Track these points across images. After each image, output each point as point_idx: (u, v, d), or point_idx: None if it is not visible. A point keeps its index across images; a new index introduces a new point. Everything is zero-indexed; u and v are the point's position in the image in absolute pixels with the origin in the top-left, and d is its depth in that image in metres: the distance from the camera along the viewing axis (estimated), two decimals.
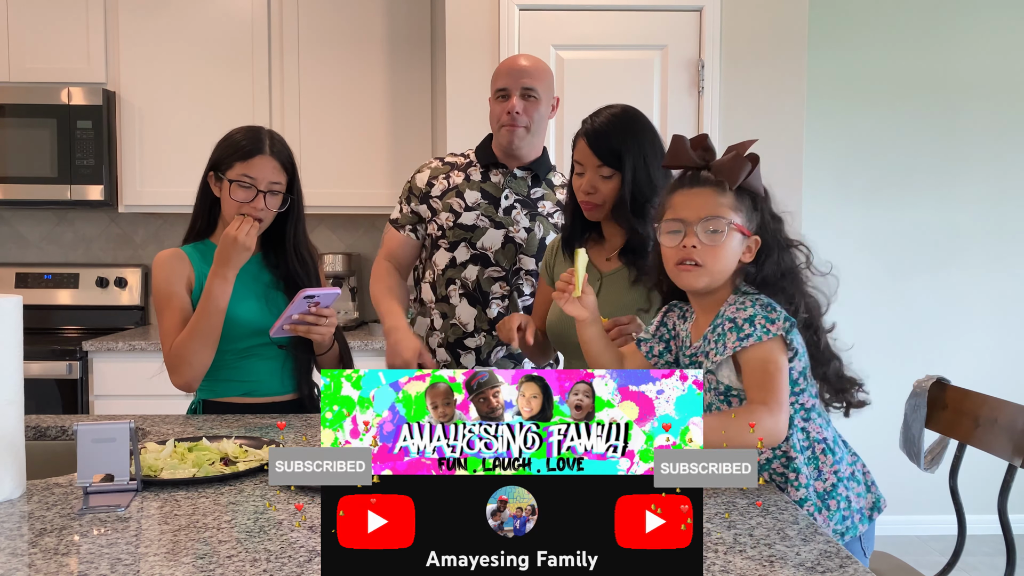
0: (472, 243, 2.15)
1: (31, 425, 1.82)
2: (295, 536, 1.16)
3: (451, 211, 2.16)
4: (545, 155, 2.24)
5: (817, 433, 1.46)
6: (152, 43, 3.50)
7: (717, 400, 1.46)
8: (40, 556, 1.09)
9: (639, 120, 1.85)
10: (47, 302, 3.71)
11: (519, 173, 2.20)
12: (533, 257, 2.16)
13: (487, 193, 2.17)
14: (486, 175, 2.20)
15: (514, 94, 2.10)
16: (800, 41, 3.15)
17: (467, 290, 2.16)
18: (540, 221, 2.17)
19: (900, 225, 3.82)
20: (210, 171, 1.91)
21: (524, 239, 2.15)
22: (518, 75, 2.10)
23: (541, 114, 2.14)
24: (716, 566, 1.06)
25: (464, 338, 2.17)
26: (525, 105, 2.10)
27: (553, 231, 2.19)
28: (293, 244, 1.97)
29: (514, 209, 2.17)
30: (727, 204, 1.42)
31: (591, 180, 1.83)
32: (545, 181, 2.23)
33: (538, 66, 2.15)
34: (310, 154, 3.54)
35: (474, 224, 2.15)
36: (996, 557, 3.04)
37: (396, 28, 3.55)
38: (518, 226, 2.16)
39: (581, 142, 1.85)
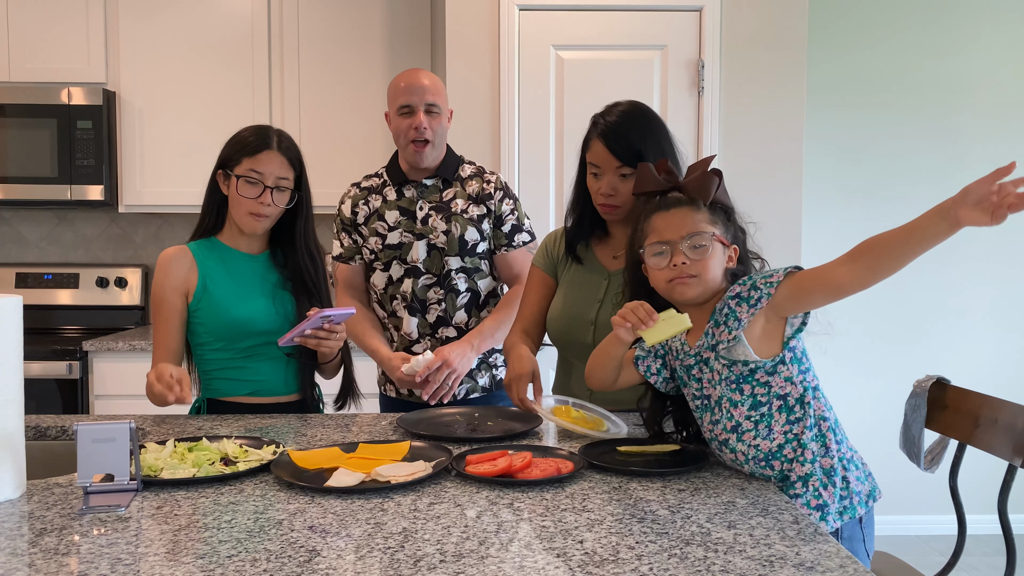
0: (403, 259, 2.26)
1: (31, 425, 1.82)
2: (295, 536, 1.16)
3: (377, 235, 2.28)
4: (449, 155, 2.32)
5: (822, 412, 1.47)
6: (152, 43, 3.50)
7: (729, 390, 1.46)
8: (40, 556, 1.09)
9: (652, 115, 1.86)
10: (47, 302, 3.71)
11: (428, 182, 2.29)
12: (457, 256, 2.25)
13: (404, 209, 2.28)
14: (400, 192, 2.30)
15: (419, 110, 2.20)
16: (800, 41, 3.15)
17: (407, 302, 2.27)
18: (455, 220, 2.26)
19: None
20: (218, 169, 1.92)
21: (444, 242, 2.24)
22: (421, 92, 2.20)
23: (443, 127, 2.26)
24: (716, 566, 1.06)
25: (412, 345, 2.28)
26: (430, 120, 2.21)
27: (470, 225, 2.25)
28: (303, 242, 1.99)
29: (430, 217, 2.26)
30: (704, 219, 1.51)
31: (611, 182, 1.82)
32: (455, 180, 2.30)
33: (436, 82, 2.25)
34: (310, 154, 3.48)
35: (400, 242, 2.26)
36: (996, 557, 3.04)
37: (396, 28, 3.55)
38: (436, 231, 2.25)
39: (597, 144, 1.83)
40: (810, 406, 1.45)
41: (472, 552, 1.09)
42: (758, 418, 1.45)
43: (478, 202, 2.28)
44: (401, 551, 1.10)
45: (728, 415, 1.47)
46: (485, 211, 2.28)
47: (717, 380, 1.48)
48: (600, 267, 1.95)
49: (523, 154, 3.14)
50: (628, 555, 1.09)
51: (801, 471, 1.43)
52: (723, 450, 1.49)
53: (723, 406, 1.48)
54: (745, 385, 1.45)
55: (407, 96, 2.20)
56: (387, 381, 2.36)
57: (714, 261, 1.49)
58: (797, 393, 1.45)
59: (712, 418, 1.51)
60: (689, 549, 1.11)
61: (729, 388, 1.47)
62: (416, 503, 1.29)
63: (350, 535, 1.16)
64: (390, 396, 2.35)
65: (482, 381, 2.30)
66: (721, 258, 1.51)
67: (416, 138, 2.19)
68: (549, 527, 1.19)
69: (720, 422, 1.49)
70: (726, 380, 1.47)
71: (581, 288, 1.95)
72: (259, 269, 1.97)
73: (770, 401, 1.45)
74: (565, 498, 1.32)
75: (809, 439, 1.44)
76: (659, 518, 1.24)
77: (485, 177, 2.32)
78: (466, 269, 2.26)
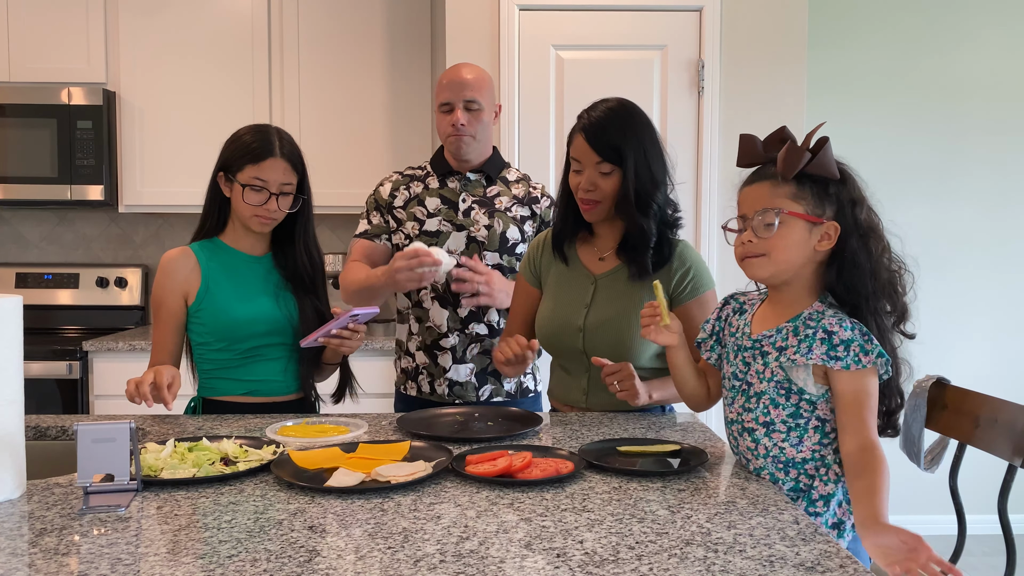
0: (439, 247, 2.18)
1: (31, 425, 1.82)
2: (295, 536, 1.16)
3: (415, 219, 2.24)
4: (495, 155, 2.31)
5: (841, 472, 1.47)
6: (152, 43, 3.50)
7: (774, 391, 1.44)
8: (40, 556, 1.09)
9: (636, 113, 1.83)
10: (47, 302, 3.71)
11: (472, 176, 2.28)
12: (496, 252, 2.23)
13: (446, 199, 2.25)
14: (443, 182, 2.28)
15: (457, 107, 2.18)
16: (800, 41, 3.15)
17: (438, 293, 2.23)
18: (498, 216, 2.24)
19: (899, 225, 3.78)
20: (220, 172, 1.92)
21: (485, 236, 2.22)
22: (460, 88, 2.18)
23: (485, 122, 2.23)
24: (716, 566, 1.06)
25: (439, 339, 2.24)
26: (469, 117, 2.18)
27: (513, 224, 2.24)
28: (303, 243, 1.99)
29: (472, 210, 2.24)
30: (784, 194, 1.41)
31: (590, 177, 1.81)
32: (499, 179, 2.30)
33: (479, 76, 2.21)
34: (310, 154, 3.47)
35: (438, 229, 2.23)
36: (996, 557, 3.04)
37: (396, 28, 3.55)
38: (478, 225, 2.23)
39: (579, 138, 1.82)
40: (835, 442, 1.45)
41: (472, 552, 1.09)
42: (793, 426, 1.44)
43: (524, 204, 2.27)
44: (401, 551, 1.10)
45: (765, 410, 1.46)
46: (530, 214, 2.27)
47: (767, 377, 1.46)
48: (585, 271, 1.92)
49: (523, 154, 3.14)
50: (628, 555, 1.09)
51: (824, 490, 1.44)
52: (743, 436, 1.49)
53: (762, 401, 1.46)
54: (793, 395, 1.44)
55: (447, 93, 2.19)
56: (406, 379, 2.31)
57: (787, 241, 1.39)
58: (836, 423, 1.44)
59: (745, 404, 1.49)
60: (689, 549, 1.11)
61: (776, 390, 1.45)
62: (416, 503, 1.29)
63: (350, 535, 1.16)
64: (410, 395, 2.29)
65: (508, 386, 2.28)
66: (802, 237, 1.40)
67: (453, 134, 2.19)
68: (549, 527, 1.19)
69: (754, 412, 1.47)
70: (776, 382, 1.45)
71: (568, 293, 1.92)
72: (261, 270, 1.97)
73: (810, 419, 1.44)
74: (565, 498, 1.32)
75: (833, 460, 1.44)
76: (659, 518, 1.24)
77: (531, 183, 2.32)
78: (501, 267, 2.23)
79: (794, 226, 1.40)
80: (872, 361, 1.37)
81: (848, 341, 1.38)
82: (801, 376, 1.43)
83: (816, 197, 1.41)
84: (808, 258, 1.43)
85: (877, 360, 1.37)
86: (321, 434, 1.65)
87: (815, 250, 1.42)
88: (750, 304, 1.56)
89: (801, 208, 1.40)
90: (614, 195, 1.81)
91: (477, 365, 2.24)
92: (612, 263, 1.90)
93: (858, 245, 1.41)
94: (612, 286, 1.88)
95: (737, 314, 1.57)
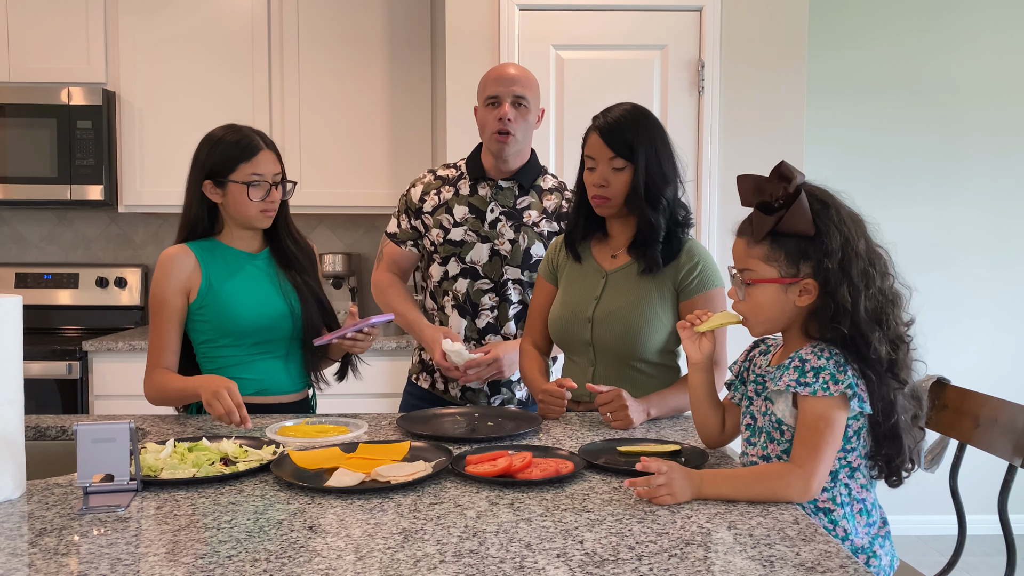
0: (461, 257, 2.20)
1: (31, 425, 1.82)
2: (295, 536, 1.16)
3: (441, 227, 2.22)
4: (532, 160, 2.26)
5: (858, 492, 1.44)
6: (152, 43, 3.50)
7: (769, 426, 1.47)
8: (40, 556, 1.09)
9: (649, 116, 1.90)
10: (47, 302, 3.71)
11: (504, 184, 2.23)
12: (518, 268, 2.20)
13: (474, 207, 2.22)
14: (474, 188, 2.24)
15: (505, 101, 2.13)
16: (800, 41, 3.15)
17: (458, 302, 2.22)
18: (524, 232, 2.20)
19: (900, 225, 3.81)
20: (207, 179, 1.91)
21: (509, 251, 2.19)
22: (509, 83, 2.14)
23: (529, 123, 2.19)
24: (716, 566, 1.06)
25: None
26: (515, 114, 2.14)
27: (538, 240, 2.21)
28: (287, 228, 2.02)
29: (499, 222, 2.21)
30: (757, 255, 1.41)
31: (603, 173, 1.86)
32: (532, 189, 2.25)
33: (527, 76, 2.18)
34: (310, 154, 3.54)
35: (462, 240, 2.20)
36: (996, 557, 3.03)
37: (396, 28, 3.55)
38: (503, 239, 2.20)
39: (593, 136, 1.88)
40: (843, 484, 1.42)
41: (472, 552, 1.09)
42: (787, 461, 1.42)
43: (552, 219, 2.23)
44: (401, 551, 1.10)
45: (764, 446, 1.48)
46: (558, 230, 2.21)
47: (763, 411, 1.48)
48: (597, 266, 1.97)
49: None
50: (628, 555, 1.09)
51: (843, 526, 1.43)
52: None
53: (762, 437, 1.49)
54: (785, 430, 1.43)
55: (495, 86, 2.14)
56: (422, 370, 2.30)
57: (763, 301, 1.41)
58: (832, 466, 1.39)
59: (750, 439, 1.52)
60: (689, 549, 1.11)
61: (770, 425, 1.46)
62: (416, 503, 1.29)
63: (350, 535, 1.16)
64: (422, 387, 2.29)
65: (519, 395, 2.27)
66: (778, 298, 1.40)
67: (500, 129, 2.12)
68: (549, 527, 1.19)
69: (755, 447, 1.50)
70: (771, 416, 1.46)
71: (579, 286, 1.97)
72: (262, 266, 1.98)
73: None
74: (565, 498, 1.32)
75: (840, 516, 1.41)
76: (659, 518, 1.24)
77: (565, 195, 2.25)
78: (522, 282, 2.21)
79: (766, 289, 1.40)
80: (841, 391, 1.34)
81: (819, 368, 1.36)
82: (780, 407, 1.43)
83: (790, 256, 1.39)
84: (794, 313, 1.42)
85: (846, 391, 1.34)
86: (321, 434, 1.65)
87: (796, 305, 1.41)
88: (775, 346, 1.57)
89: (774, 270, 1.39)
90: (625, 191, 1.86)
91: None
92: (623, 260, 1.95)
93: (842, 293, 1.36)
94: (622, 280, 1.92)
95: (762, 355, 1.59)
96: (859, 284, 1.36)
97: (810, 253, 1.38)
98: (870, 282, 1.38)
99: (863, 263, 1.38)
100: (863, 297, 1.36)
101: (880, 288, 1.40)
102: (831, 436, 1.34)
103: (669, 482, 1.28)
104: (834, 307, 1.36)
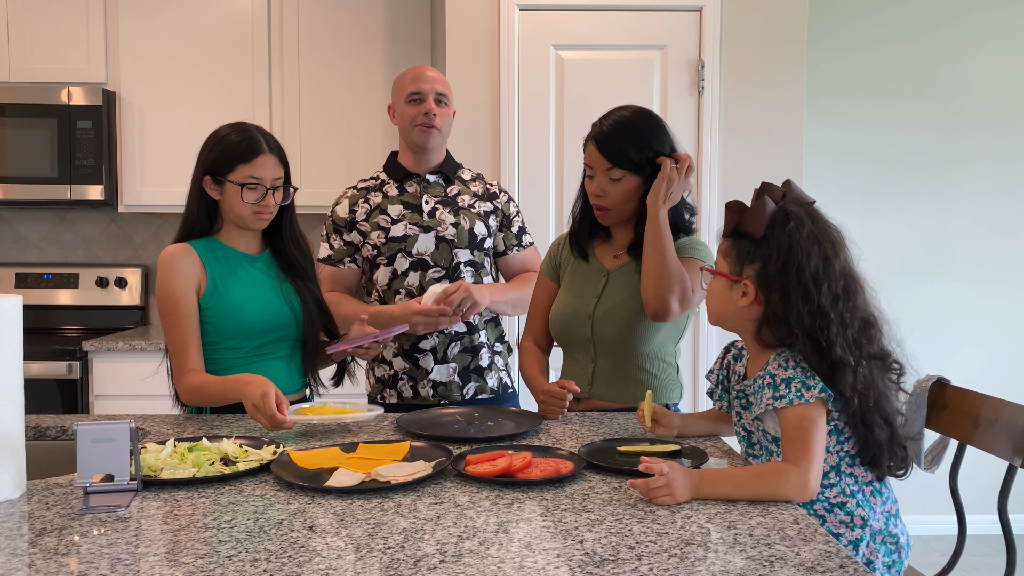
0: (407, 251, 2.22)
1: (31, 425, 1.82)
2: (295, 536, 1.16)
3: (379, 228, 2.24)
4: (449, 156, 2.33)
5: (864, 476, 1.49)
6: (152, 43, 3.50)
7: (766, 441, 1.52)
8: (40, 556, 1.09)
9: (649, 119, 1.88)
10: (47, 302, 3.71)
11: (431, 178, 2.29)
12: (467, 248, 2.24)
13: (408, 203, 2.26)
14: (402, 188, 2.28)
15: (429, 97, 2.21)
16: (800, 41, 3.15)
17: (412, 296, 2.22)
18: (463, 214, 2.25)
19: (900, 225, 3.82)
20: (206, 175, 1.90)
21: (454, 234, 2.23)
22: (431, 81, 2.23)
23: (449, 120, 2.28)
24: (716, 566, 1.06)
25: (418, 341, 2.23)
26: (439, 109, 2.22)
27: (478, 220, 2.25)
28: (291, 234, 2.00)
29: (437, 210, 2.25)
30: (720, 249, 1.53)
31: (601, 183, 1.87)
32: (456, 179, 2.31)
33: (444, 78, 2.29)
34: (310, 154, 3.54)
35: (404, 234, 2.23)
36: (996, 557, 3.03)
37: (396, 28, 3.55)
38: (445, 224, 2.23)
39: (590, 146, 1.89)
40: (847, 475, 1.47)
41: (472, 552, 1.09)
42: None
43: (484, 199, 2.30)
44: (401, 551, 1.10)
45: (767, 459, 1.52)
46: (492, 208, 2.30)
47: (757, 427, 1.53)
48: (599, 266, 1.98)
49: (523, 154, 3.14)
50: (628, 555, 1.09)
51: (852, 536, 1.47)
52: None
53: (762, 451, 1.54)
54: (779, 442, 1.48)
55: (416, 84, 2.22)
56: (383, 388, 2.29)
57: (713, 292, 1.52)
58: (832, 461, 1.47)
59: (748, 450, 1.57)
60: (689, 549, 1.11)
61: (764, 437, 1.52)
62: (416, 503, 1.29)
63: (350, 535, 1.16)
64: (389, 403, 2.27)
65: (491, 383, 2.28)
66: (725, 292, 1.49)
67: (425, 123, 2.20)
68: (549, 527, 1.19)
69: (759, 459, 1.54)
70: (764, 433, 1.51)
71: (580, 285, 1.98)
72: (263, 267, 1.97)
73: None
74: (565, 498, 1.32)
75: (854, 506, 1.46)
76: (659, 518, 1.24)
77: (487, 181, 2.36)
78: (473, 263, 2.25)
79: (717, 281, 1.51)
80: (815, 396, 1.39)
81: (789, 379, 1.41)
82: (770, 425, 1.48)
83: (739, 256, 1.47)
84: (736, 312, 1.49)
85: (820, 394, 1.39)
86: (339, 413, 1.73)
87: (737, 305, 1.48)
88: (745, 351, 1.61)
89: (725, 265, 1.49)
90: (624, 200, 1.87)
91: (459, 364, 2.24)
92: (624, 259, 1.96)
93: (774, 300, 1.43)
94: (623, 278, 1.93)
95: (736, 360, 1.63)
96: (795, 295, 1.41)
97: (755, 257, 1.45)
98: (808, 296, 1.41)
99: (806, 278, 1.41)
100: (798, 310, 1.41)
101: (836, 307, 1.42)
102: (816, 433, 1.38)
103: (669, 483, 1.29)
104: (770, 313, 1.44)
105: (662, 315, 1.81)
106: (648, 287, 1.81)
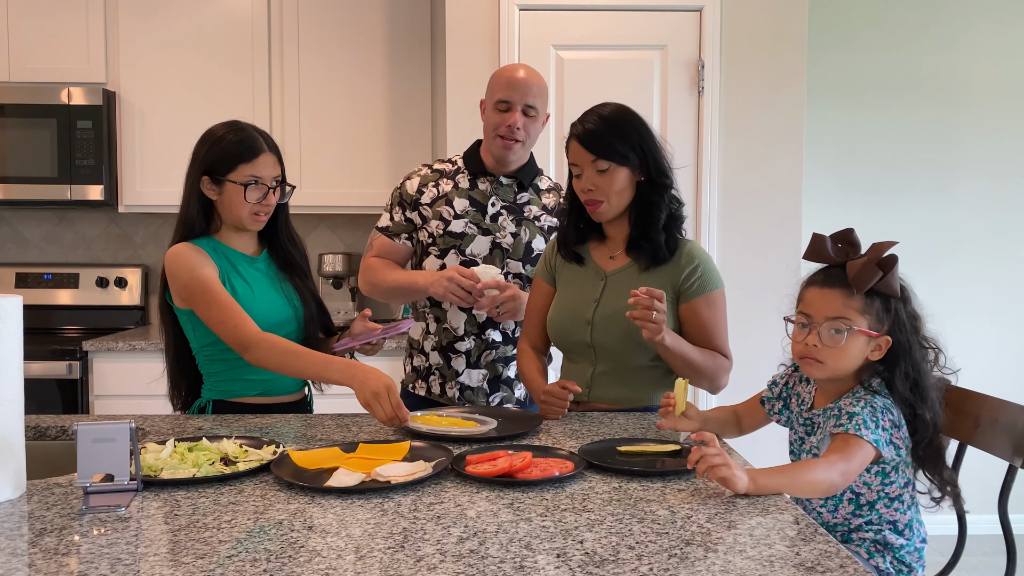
0: (461, 250, 2.19)
1: (31, 425, 1.82)
2: (295, 536, 1.16)
3: (441, 219, 2.20)
4: (531, 161, 2.27)
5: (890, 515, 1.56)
6: (152, 43, 3.50)
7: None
8: (40, 556, 1.09)
9: (626, 114, 1.88)
10: (47, 302, 3.71)
11: (505, 181, 2.23)
12: (520, 261, 2.20)
13: (475, 200, 2.21)
14: (474, 183, 2.23)
15: (516, 109, 2.12)
16: (800, 41, 3.15)
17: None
18: (526, 225, 2.20)
19: (899, 225, 3.81)
20: (204, 175, 1.90)
21: (511, 244, 2.19)
22: (524, 91, 2.12)
23: (536, 130, 2.19)
24: (716, 566, 1.06)
25: (455, 342, 2.21)
26: (525, 122, 2.13)
27: (539, 234, 2.21)
28: (286, 231, 2.01)
29: (500, 216, 2.20)
30: (854, 307, 1.50)
31: (589, 177, 1.86)
32: (531, 187, 2.25)
33: (541, 84, 2.16)
34: (310, 153, 3.54)
35: (463, 232, 2.19)
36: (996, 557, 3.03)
37: (396, 28, 3.55)
38: (504, 232, 2.19)
39: (573, 144, 1.88)
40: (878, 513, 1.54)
41: (472, 552, 1.09)
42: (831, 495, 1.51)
43: (553, 215, 2.23)
44: (401, 551, 1.10)
45: None
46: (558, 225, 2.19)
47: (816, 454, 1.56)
48: (597, 268, 1.96)
49: None
50: (628, 555, 1.09)
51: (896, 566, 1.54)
52: None
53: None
54: None
55: (507, 91, 2.12)
56: (416, 378, 2.28)
57: (848, 352, 1.51)
58: (871, 496, 1.53)
59: None
60: (689, 549, 1.11)
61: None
62: (416, 503, 1.29)
63: (350, 535, 1.16)
64: (418, 395, 2.27)
65: (518, 394, 2.26)
66: (860, 350, 1.52)
67: (508, 135, 2.13)
68: (549, 527, 1.19)
69: None
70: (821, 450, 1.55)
71: (578, 288, 1.96)
72: (263, 268, 1.97)
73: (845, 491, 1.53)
74: (565, 498, 1.32)
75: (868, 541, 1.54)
76: (659, 518, 1.24)
77: (562, 195, 2.23)
78: (522, 276, 2.20)
79: (858, 339, 1.51)
80: (869, 441, 1.43)
81: (853, 414, 1.46)
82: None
83: (878, 313, 1.51)
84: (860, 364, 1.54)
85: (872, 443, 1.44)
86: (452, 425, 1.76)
87: (867, 358, 1.53)
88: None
89: (866, 323, 1.51)
90: (615, 191, 1.85)
91: (490, 372, 2.22)
92: (622, 261, 1.94)
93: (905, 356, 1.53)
94: (622, 282, 1.91)
95: (804, 384, 1.67)
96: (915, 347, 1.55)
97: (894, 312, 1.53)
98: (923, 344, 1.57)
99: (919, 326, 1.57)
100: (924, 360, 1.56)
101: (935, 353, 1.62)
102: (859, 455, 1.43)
103: (725, 459, 1.32)
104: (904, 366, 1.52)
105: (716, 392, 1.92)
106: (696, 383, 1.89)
